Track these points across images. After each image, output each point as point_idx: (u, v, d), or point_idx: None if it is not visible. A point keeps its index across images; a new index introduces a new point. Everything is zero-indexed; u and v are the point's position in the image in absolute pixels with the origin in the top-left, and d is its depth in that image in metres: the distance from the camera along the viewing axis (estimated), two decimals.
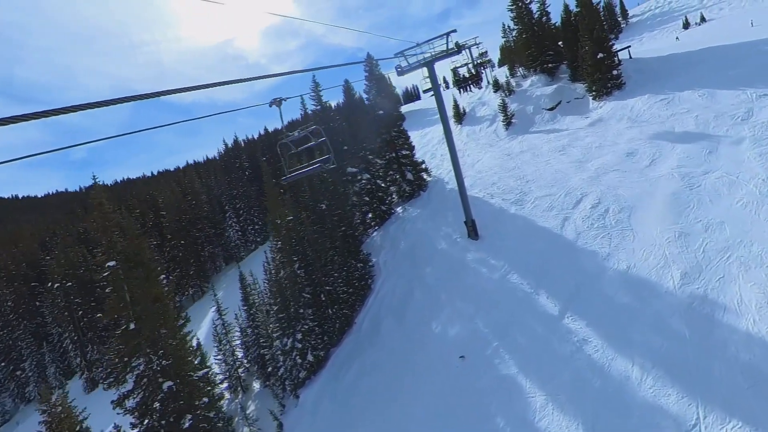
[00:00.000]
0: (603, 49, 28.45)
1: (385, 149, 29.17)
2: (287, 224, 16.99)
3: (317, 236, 18.14)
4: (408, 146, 29.66)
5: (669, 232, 14.35)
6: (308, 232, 17.21)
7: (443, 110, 18.78)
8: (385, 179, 28.92)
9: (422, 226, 22.63)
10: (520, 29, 38.89)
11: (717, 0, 78.05)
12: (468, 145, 35.24)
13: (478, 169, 27.44)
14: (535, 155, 25.32)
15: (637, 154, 19.98)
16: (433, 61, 18.31)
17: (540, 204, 19.43)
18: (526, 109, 33.85)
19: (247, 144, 59.01)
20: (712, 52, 27.68)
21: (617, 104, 26.61)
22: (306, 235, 17.05)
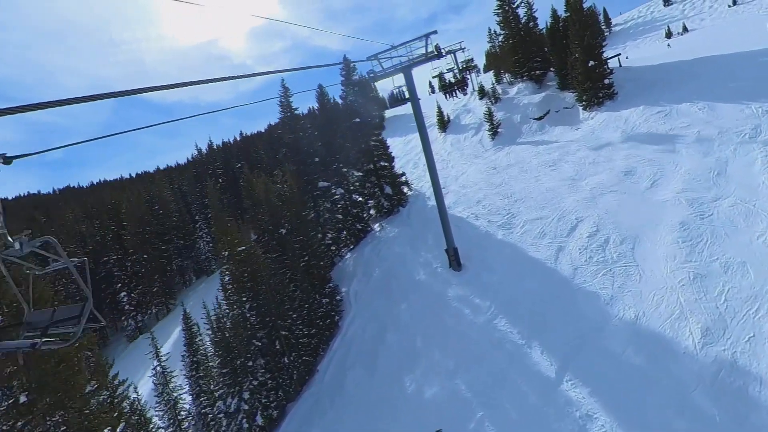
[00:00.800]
0: (594, 57, 26.48)
1: (362, 160, 26.61)
2: (238, 255, 14.29)
3: (275, 268, 15.46)
4: (387, 157, 27.16)
5: (681, 271, 12.15)
6: (264, 264, 14.53)
7: (422, 125, 16.34)
8: (362, 193, 26.36)
9: (399, 249, 20.12)
10: (507, 34, 36.83)
11: (698, 11, 78.04)
12: (452, 155, 32.94)
13: (463, 183, 25.09)
14: (523, 170, 23.09)
15: (636, 173, 17.88)
16: (411, 66, 15.83)
17: (530, 229, 17.12)
18: (513, 118, 31.73)
19: (222, 148, 55.63)
20: (707, 62, 25.98)
21: (610, 115, 24.61)
22: (260, 268, 14.37)
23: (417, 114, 16.24)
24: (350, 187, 24.60)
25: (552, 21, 34.21)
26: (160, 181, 52.77)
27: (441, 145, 36.90)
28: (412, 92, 16.25)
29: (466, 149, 32.43)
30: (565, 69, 31.38)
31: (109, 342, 38.49)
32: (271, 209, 17.16)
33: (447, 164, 31.59)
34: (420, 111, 16.19)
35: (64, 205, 58.28)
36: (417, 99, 16.25)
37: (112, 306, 38.95)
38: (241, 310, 13.57)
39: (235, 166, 50.41)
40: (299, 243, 16.77)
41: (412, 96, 16.31)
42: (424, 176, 31.70)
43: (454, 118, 39.61)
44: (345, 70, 27.51)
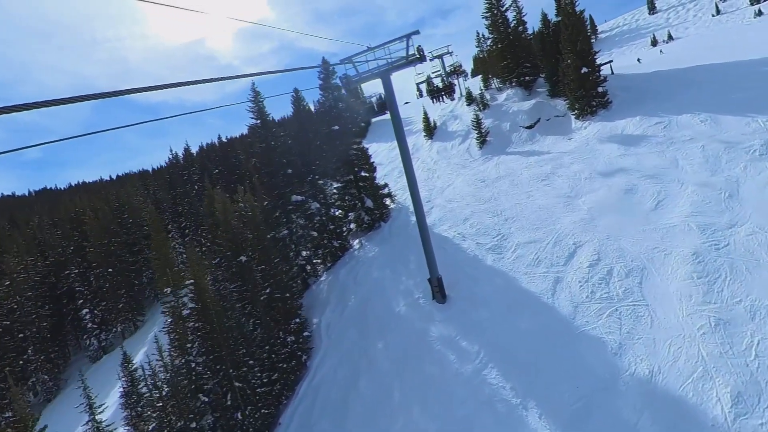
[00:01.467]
0: (587, 63, 24.88)
1: (341, 171, 24.47)
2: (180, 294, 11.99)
3: (233, 302, 13.19)
4: (369, 167, 25.07)
5: (700, 316, 10.33)
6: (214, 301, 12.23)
7: (402, 138, 14.26)
8: (341, 206, 24.22)
9: (378, 274, 18.01)
10: (495, 38, 35.18)
11: (682, 20, 78.19)
12: (438, 164, 31.02)
13: (449, 197, 23.13)
14: (513, 184, 21.24)
15: (638, 191, 16.15)
16: (390, 70, 13.79)
17: (523, 254, 15.20)
18: (502, 126, 30.00)
19: (201, 153, 52.80)
20: (704, 71, 24.63)
21: (604, 126, 22.99)
22: (212, 306, 12.08)
23: (396, 124, 14.18)
24: (327, 200, 22.42)
25: (542, 26, 32.67)
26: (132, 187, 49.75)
27: (427, 152, 35.01)
28: (390, 99, 14.20)
29: (453, 158, 30.56)
30: (556, 75, 29.81)
31: (70, 362, 35.45)
32: (230, 233, 14.87)
33: (433, 174, 29.68)
34: (399, 121, 14.12)
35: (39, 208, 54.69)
36: (396, 108, 14.19)
37: (74, 324, 35.94)
38: (185, 358, 11.31)
39: (212, 172, 47.72)
40: (261, 272, 14.51)
41: (390, 103, 14.26)
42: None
43: (441, 124, 37.76)
44: (323, 74, 25.36)
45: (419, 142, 38.82)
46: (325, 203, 22.26)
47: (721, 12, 70.62)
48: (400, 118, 14.08)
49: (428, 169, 31.13)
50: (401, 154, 14.40)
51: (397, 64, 13.69)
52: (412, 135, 43.89)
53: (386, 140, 50.59)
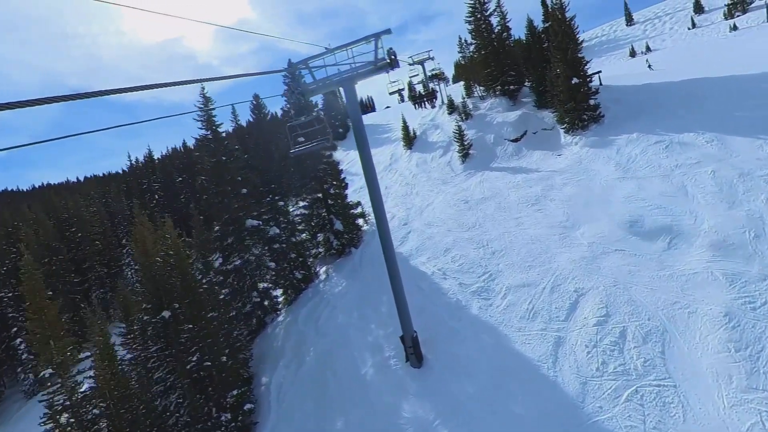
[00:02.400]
0: (578, 73, 22.69)
1: (308, 188, 21.45)
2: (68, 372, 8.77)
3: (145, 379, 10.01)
4: (339, 183, 22.13)
5: (747, 409, 7.85)
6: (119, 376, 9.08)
7: (366, 158, 11.41)
8: (309, 227, 21.19)
9: (344, 319, 15.08)
10: (479, 44, 32.85)
11: (659, 32, 78.46)
12: (418, 178, 28.32)
13: (428, 219, 20.40)
14: (500, 207, 18.69)
15: (644, 224, 13.79)
16: (354, 78, 10.93)
17: (515, 302, 12.57)
18: (486, 138, 27.57)
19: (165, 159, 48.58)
20: (700, 85, 22.79)
21: (597, 142, 20.76)
22: (120, 378, 8.95)
23: (360, 143, 11.32)
24: (290, 224, 19.34)
25: (528, 32, 30.51)
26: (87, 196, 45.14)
27: (406, 164, 32.32)
28: (355, 113, 11.34)
29: (434, 172, 27.93)
30: (543, 85, 27.63)
31: (3, 398, 30.97)
32: (151, 280, 11.66)
33: (411, 189, 26.97)
34: (364, 140, 11.27)
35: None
36: (360, 123, 11.33)
37: (9, 354, 31.46)
38: None
39: (176, 180, 43.71)
40: (189, 333, 11.32)
41: (355, 118, 11.38)
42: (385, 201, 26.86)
43: (421, 134, 35.13)
44: (289, 78, 22.32)
45: (398, 152, 36.11)
46: (287, 227, 19.17)
47: (696, 25, 70.94)
48: (364, 137, 11.23)
49: (407, 183, 28.42)
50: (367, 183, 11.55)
51: (364, 70, 10.84)
52: (390, 144, 41.19)
53: None
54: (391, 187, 29.64)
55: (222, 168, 18.13)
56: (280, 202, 19.16)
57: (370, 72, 10.81)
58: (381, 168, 35.75)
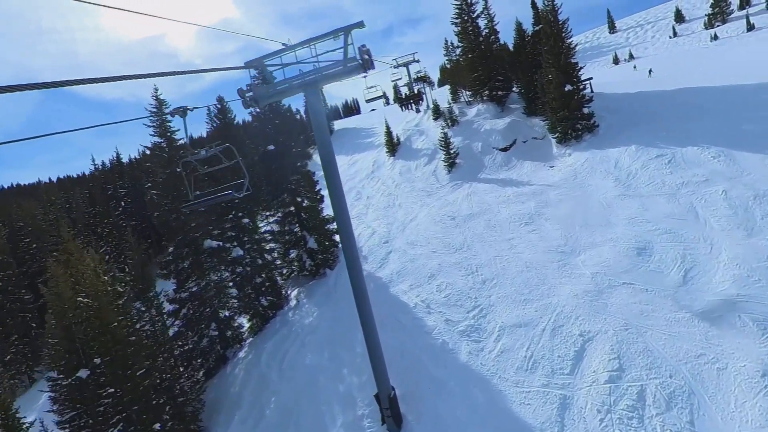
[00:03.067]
0: (571, 80, 21.12)
1: (277, 202, 19.25)
2: None
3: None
4: (314, 195, 19.97)
5: None
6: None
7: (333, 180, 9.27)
8: (283, 245, 18.97)
9: (312, 360, 12.93)
10: (465, 47, 31.18)
11: (641, 40, 78.91)
12: (401, 188, 26.35)
13: (411, 237, 18.42)
14: (490, 225, 16.85)
15: (653, 252, 12.11)
16: (319, 82, 8.81)
17: (511, 347, 10.67)
18: (473, 146, 25.82)
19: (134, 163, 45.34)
20: (697, 95, 21.51)
21: (593, 154, 19.19)
22: None
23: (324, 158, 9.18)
24: (256, 243, 17.08)
25: (517, 36, 28.94)
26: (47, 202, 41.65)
27: (389, 172, 30.33)
28: (318, 123, 9.18)
29: (418, 182, 26.00)
30: (533, 92, 26.09)
31: None
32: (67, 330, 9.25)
33: (394, 201, 24.97)
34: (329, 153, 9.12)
35: None
36: (325, 137, 9.18)
37: None
38: None
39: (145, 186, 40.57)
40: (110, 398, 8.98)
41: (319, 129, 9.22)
42: (365, 214, 24.89)
43: (405, 140, 33.20)
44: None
45: (381, 159, 34.13)
46: (253, 248, 16.91)
47: (677, 34, 71.41)
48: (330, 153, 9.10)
49: (389, 193, 26.41)
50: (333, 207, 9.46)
51: (331, 72, 8.74)
52: (373, 149, 39.20)
53: (348, 152, 45.57)
54: (373, 197, 27.61)
55: (177, 180, 15.75)
56: (245, 219, 16.85)
57: (339, 74, 8.71)
58: (363, 175, 33.71)
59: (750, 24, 56.74)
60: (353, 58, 8.45)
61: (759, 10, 61.70)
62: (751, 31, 55.69)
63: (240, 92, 8.66)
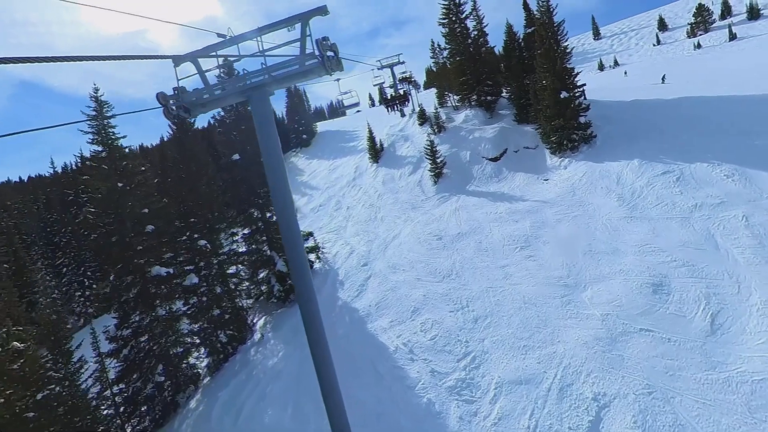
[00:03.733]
0: (567, 86, 19.48)
1: (242, 219, 16.98)
2: None
3: None
4: None
5: None
6: None
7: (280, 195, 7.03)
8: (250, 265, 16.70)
9: (273, 418, 10.71)
10: (453, 49, 29.42)
11: (626, 47, 78.92)
12: (383, 199, 24.30)
13: (393, 260, 16.39)
14: (482, 248, 14.97)
15: (672, 290, 10.39)
16: (267, 86, 6.58)
17: (511, 411, 8.73)
18: (461, 155, 24.00)
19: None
20: (698, 104, 20.13)
21: (591, 168, 17.55)
22: None
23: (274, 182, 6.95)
24: (212, 270, 14.76)
25: (507, 39, 27.28)
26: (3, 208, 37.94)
27: (371, 180, 28.26)
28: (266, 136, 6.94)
29: (402, 192, 24.01)
30: (524, 97, 24.45)
31: None
32: None
33: (376, 213, 22.92)
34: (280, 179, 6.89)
35: None
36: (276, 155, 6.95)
37: None
38: None
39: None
40: None
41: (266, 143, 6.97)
42: (344, 228, 22.78)
43: (389, 146, 31.19)
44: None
45: (363, 165, 32.03)
46: (211, 273, 14.59)
47: (661, 42, 71.57)
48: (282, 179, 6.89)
49: (371, 204, 24.34)
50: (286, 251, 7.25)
51: (283, 73, 6.55)
52: (356, 154, 37.04)
53: (330, 156, 43.39)
54: (353, 207, 25.51)
55: (120, 197, 13.34)
56: (201, 241, 14.51)
57: (294, 75, 6.52)
58: (344, 183, 31.57)
59: (732, 33, 56.89)
60: (312, 54, 6.33)
61: (740, 20, 62.16)
62: (734, 41, 55.79)
63: (160, 98, 6.42)
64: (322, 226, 25.66)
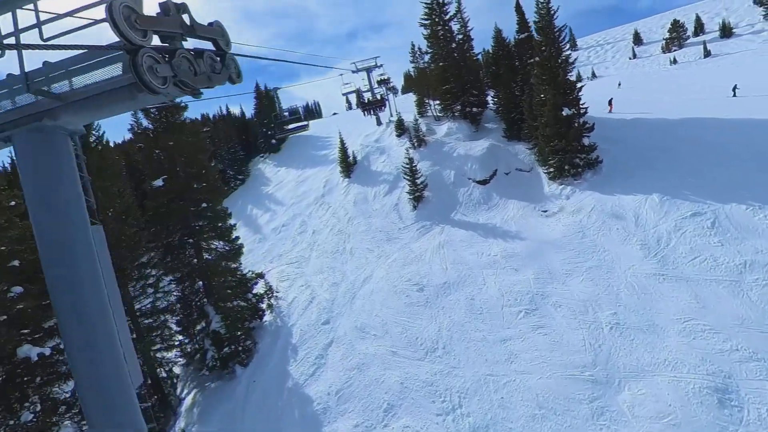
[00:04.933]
0: (571, 103, 16.60)
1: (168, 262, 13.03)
2: None
3: None
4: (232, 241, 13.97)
5: None
6: None
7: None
8: (181, 322, 12.71)
9: None
10: (435, 54, 26.31)
11: (602, 59, 78.90)
12: (354, 224, 20.72)
13: (361, 317, 12.84)
14: (475, 310, 11.68)
15: (743, 404, 7.39)
16: (56, 116, 2.75)
17: None
18: (444, 174, 20.79)
19: None
20: (710, 127, 17.71)
21: (600, 201, 14.66)
22: None
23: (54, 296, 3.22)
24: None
25: (495, 45, 24.38)
26: None
27: (342, 198, 24.61)
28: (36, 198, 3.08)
29: (376, 217, 20.50)
30: (515, 111, 21.57)
31: None
32: None
33: (344, 243, 19.32)
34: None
35: None
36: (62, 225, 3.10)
37: None
38: None
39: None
40: None
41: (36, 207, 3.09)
42: (308, 260, 19.09)
43: (363, 158, 27.61)
44: None
45: (334, 180, 28.32)
46: None
47: (637, 56, 71.66)
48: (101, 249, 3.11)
49: (339, 230, 20.71)
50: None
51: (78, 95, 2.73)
52: (327, 165, 33.19)
53: (299, 165, 39.34)
54: (320, 232, 21.80)
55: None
56: None
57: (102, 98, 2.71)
58: (311, 199, 27.75)
59: (707, 50, 57.03)
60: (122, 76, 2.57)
61: (712, 38, 62.70)
62: (708, 58, 55.87)
63: None
64: (282, 254, 21.82)
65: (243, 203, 37.17)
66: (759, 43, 55.24)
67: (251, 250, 25.22)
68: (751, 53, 49.88)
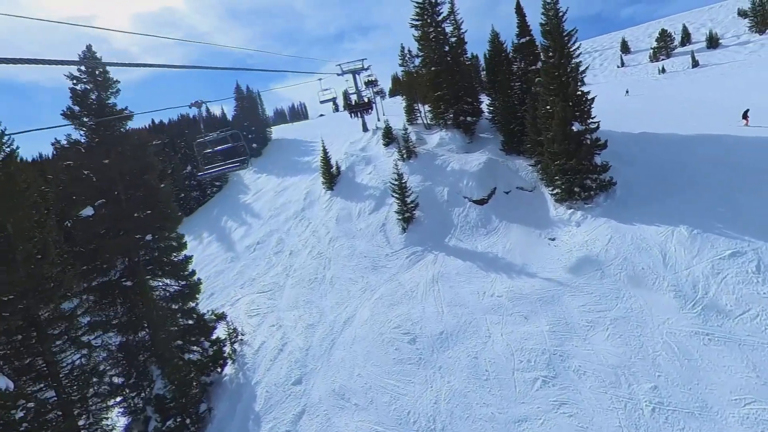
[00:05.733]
0: (581, 117, 14.68)
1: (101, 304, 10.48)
2: None
3: None
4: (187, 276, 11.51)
5: None
6: None
7: None
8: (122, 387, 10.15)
9: None
10: (427, 57, 24.24)
11: (591, 68, 78.38)
12: (336, 246, 18.39)
13: (339, 378, 10.54)
14: (479, 373, 9.55)
15: None
16: None
17: None
18: (437, 191, 18.70)
19: None
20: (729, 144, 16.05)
21: (617, 231, 12.74)
22: None
23: None
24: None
25: (492, 50, 22.44)
26: None
27: (323, 214, 22.25)
28: None
29: (360, 239, 18.23)
30: (514, 123, 19.65)
31: None
32: None
33: (324, 269, 17.00)
34: None
35: None
36: None
37: None
38: None
39: None
40: None
41: None
42: (282, 289, 16.69)
43: (347, 168, 25.28)
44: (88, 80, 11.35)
45: (316, 191, 25.94)
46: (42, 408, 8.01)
47: (625, 65, 71.31)
48: None
49: (319, 252, 18.38)
50: None
51: None
52: (310, 174, 30.76)
53: (280, 172, 36.82)
54: (298, 254, 19.42)
55: None
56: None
57: None
58: (291, 213, 25.32)
59: (695, 60, 56.73)
60: None
61: (700, 48, 62.63)
62: (696, 68, 55.53)
63: None
64: (255, 278, 19.36)
65: (218, 213, 34.42)
66: (746, 54, 55.16)
67: (221, 272, 22.65)
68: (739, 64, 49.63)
